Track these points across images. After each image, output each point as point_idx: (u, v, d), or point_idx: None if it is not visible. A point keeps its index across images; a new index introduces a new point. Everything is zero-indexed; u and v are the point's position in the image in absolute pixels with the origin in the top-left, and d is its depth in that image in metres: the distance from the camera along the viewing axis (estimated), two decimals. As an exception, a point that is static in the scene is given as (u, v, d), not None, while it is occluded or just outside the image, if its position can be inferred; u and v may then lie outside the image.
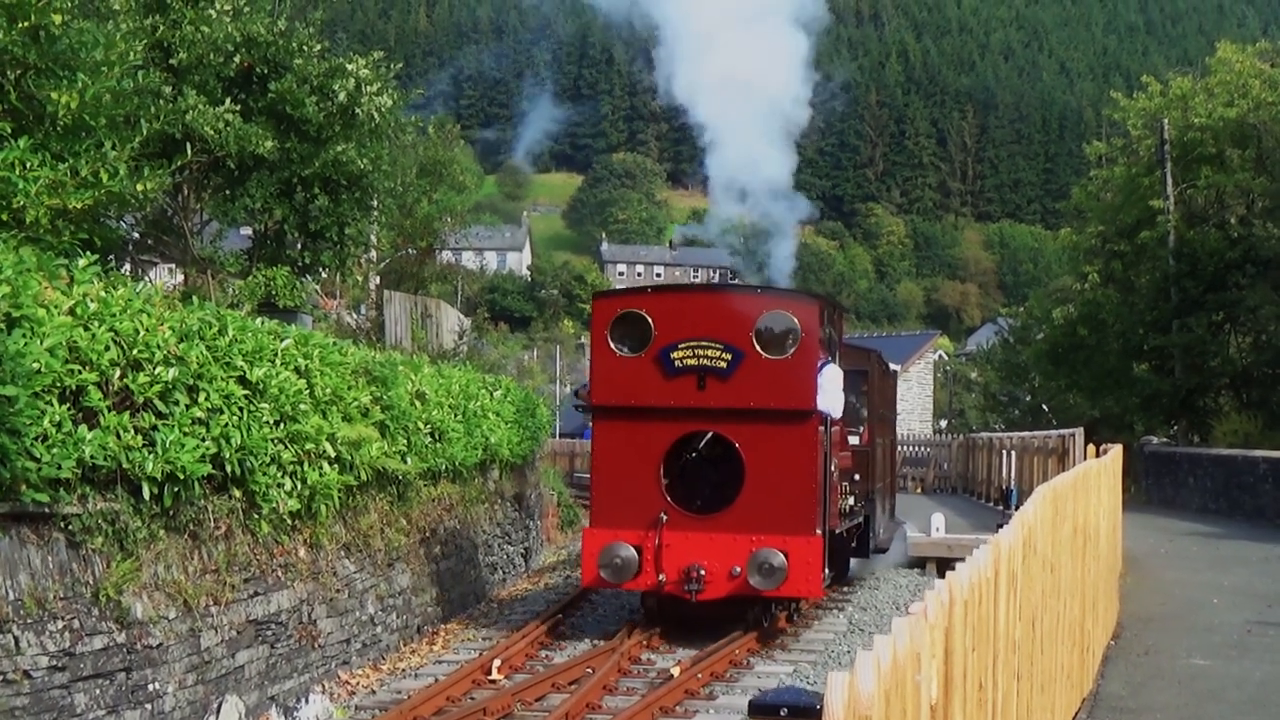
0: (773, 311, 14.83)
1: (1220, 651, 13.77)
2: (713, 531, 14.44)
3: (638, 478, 14.76)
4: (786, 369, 14.62)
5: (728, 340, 14.62)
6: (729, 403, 14.60)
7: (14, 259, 9.13)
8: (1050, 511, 7.85)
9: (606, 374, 15.12)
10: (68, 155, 12.23)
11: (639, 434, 14.86)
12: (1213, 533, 26.72)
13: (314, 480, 12.45)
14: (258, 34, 19.99)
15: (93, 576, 9.16)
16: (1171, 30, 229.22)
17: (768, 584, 14.10)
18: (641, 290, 16.64)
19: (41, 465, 8.51)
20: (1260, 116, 38.98)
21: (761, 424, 14.59)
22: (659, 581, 14.40)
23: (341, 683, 12.57)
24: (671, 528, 14.46)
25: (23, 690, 8.20)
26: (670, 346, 14.74)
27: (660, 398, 14.76)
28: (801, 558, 14.20)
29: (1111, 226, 43.73)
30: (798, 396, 14.61)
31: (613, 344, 15.08)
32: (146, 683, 9.59)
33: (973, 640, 3.51)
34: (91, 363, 9.41)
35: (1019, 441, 35.31)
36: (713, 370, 14.61)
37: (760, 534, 14.25)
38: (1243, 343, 41.01)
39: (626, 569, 14.39)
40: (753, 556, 14.12)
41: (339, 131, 20.64)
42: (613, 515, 14.78)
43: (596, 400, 15.16)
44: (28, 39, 11.78)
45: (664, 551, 14.38)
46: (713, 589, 14.27)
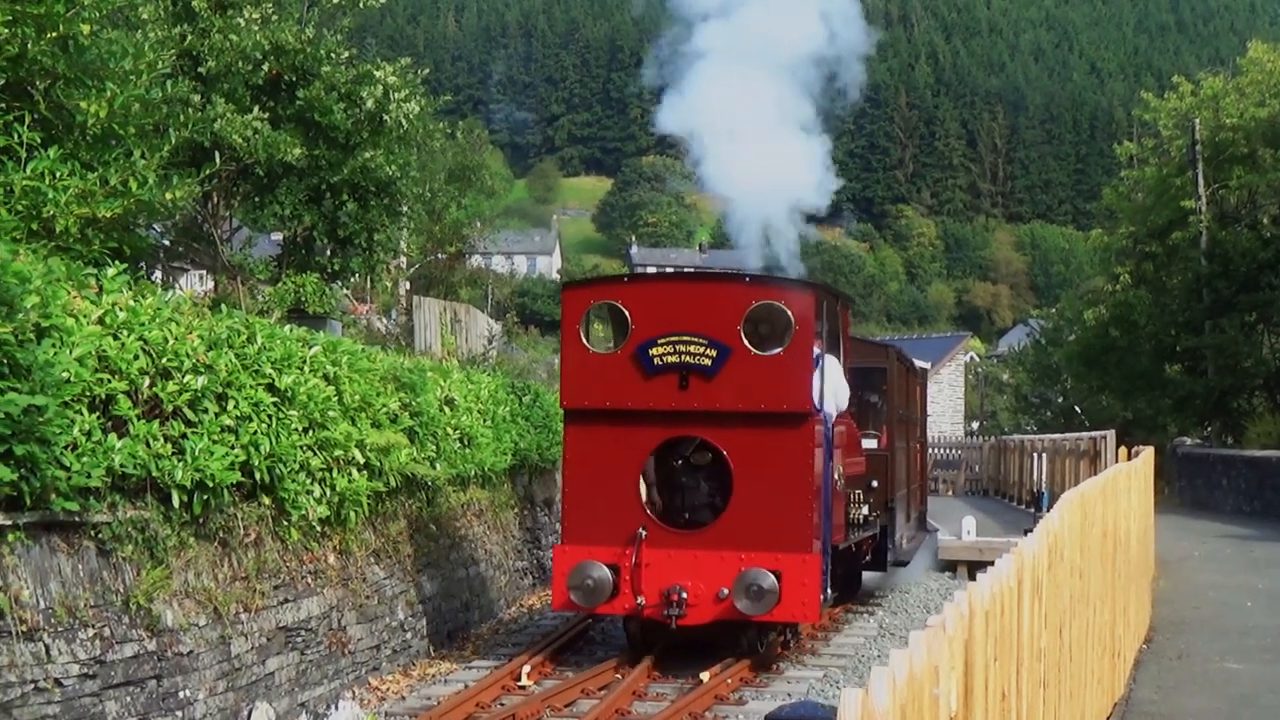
0: (763, 302, 13.23)
1: (1254, 655, 13.71)
2: (697, 549, 12.96)
3: (613, 489, 13.23)
4: (778, 366, 13.01)
5: (712, 335, 13.05)
6: (714, 404, 13.07)
7: (43, 269, 9.19)
8: (1078, 517, 7.82)
9: (578, 373, 13.57)
10: (97, 164, 12.28)
11: (614, 440, 13.34)
12: (1247, 535, 26.58)
13: (343, 487, 12.49)
14: (286, 42, 20.08)
15: (123, 584, 9.20)
16: (1203, 29, 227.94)
17: (756, 608, 12.53)
18: (617, 279, 15.58)
19: (71, 474, 8.55)
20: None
21: (751, 428, 13.04)
22: (637, 605, 12.91)
23: (372, 689, 12.60)
24: (651, 545, 12.97)
25: (54, 698, 8.25)
26: (649, 342, 13.19)
27: (638, 399, 13.25)
28: (796, 578, 12.66)
29: (1143, 227, 43.57)
30: (791, 397, 12.99)
31: (585, 340, 13.73)
32: (177, 690, 9.63)
33: (995, 651, 3.49)
34: (121, 371, 9.46)
35: (1050, 444, 35.24)
36: (696, 368, 13.06)
37: (750, 551, 12.76)
38: (1276, 343, 40.80)
39: (599, 591, 12.85)
40: (740, 577, 12.57)
41: (367, 138, 20.73)
42: (586, 531, 13.27)
43: (567, 402, 13.66)
44: (56, 49, 11.84)
45: (643, 571, 12.90)
46: (697, 613, 12.79)
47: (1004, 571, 3.89)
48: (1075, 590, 7.53)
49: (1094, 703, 9.36)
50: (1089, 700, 8.84)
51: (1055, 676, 6.03)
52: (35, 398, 7.98)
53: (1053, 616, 5.78)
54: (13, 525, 8.13)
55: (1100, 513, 9.96)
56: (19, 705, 7.94)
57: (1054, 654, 5.92)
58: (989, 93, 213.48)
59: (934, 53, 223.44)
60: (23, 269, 8.65)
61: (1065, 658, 6.69)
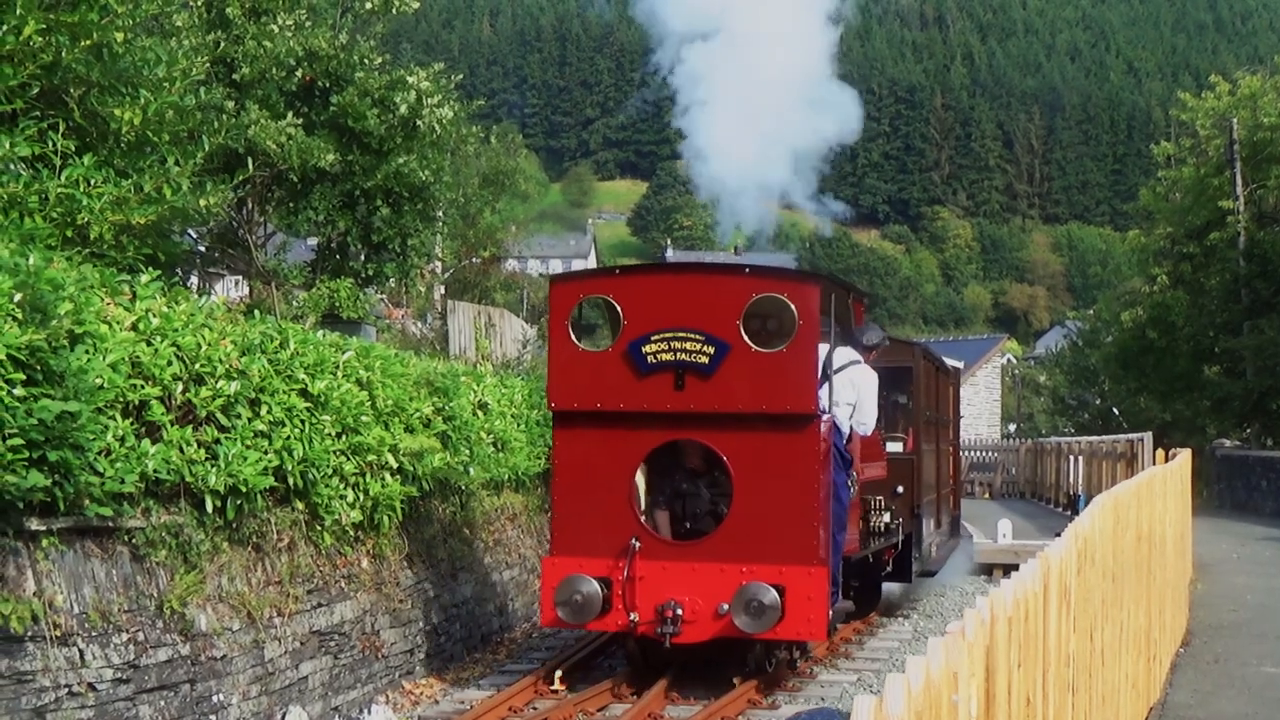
0: (764, 295, 12.05)
1: (1292, 659, 13.63)
2: (695, 561, 11.92)
3: (605, 497, 12.21)
4: (781, 365, 11.85)
5: (710, 331, 11.94)
6: (712, 406, 11.98)
7: (76, 275, 9.25)
8: (1110, 521, 7.78)
9: (567, 372, 12.47)
10: (131, 171, 12.35)
11: (605, 444, 12.32)
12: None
13: (376, 491, 12.52)
14: (319, 48, 20.17)
15: (157, 589, 9.25)
16: (1241, 28, 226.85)
17: (757, 625, 11.52)
18: (608, 271, 14.09)
19: (105, 479, 8.61)
20: (1332, 114, 38.57)
21: (752, 431, 11.96)
22: (630, 622, 11.92)
23: (405, 693, 12.63)
24: (645, 557, 11.96)
25: (88, 703, 8.30)
26: (642, 339, 12.10)
27: (630, 400, 12.19)
28: (801, 592, 11.60)
29: (1180, 228, 43.38)
30: (795, 397, 11.84)
31: (575, 336, 12.55)
32: (211, 694, 9.67)
33: (1019, 656, 3.48)
34: (154, 377, 9.52)
35: (1087, 446, 35.12)
36: (692, 367, 11.97)
37: (751, 564, 11.71)
38: (1316, 344, 40.51)
39: (588, 607, 11.87)
40: (739, 592, 11.55)
41: (400, 143, 20.80)
42: (576, 542, 12.24)
43: (555, 404, 12.57)
44: (91, 57, 11.91)
45: (637, 585, 11.92)
46: (694, 630, 11.81)
47: (1028, 576, 3.88)
48: (1108, 594, 7.50)
49: (1128, 707, 9.32)
50: (1123, 705, 8.80)
51: (1085, 681, 6.00)
52: (69, 404, 8.03)
53: (1082, 620, 5.75)
54: (47, 530, 8.18)
55: (1134, 516, 9.92)
56: (53, 710, 8.00)
57: (1084, 658, 5.89)
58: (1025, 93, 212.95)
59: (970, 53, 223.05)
60: (56, 276, 8.71)
61: (1097, 662, 6.67)
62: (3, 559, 7.83)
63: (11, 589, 7.83)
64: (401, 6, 22.13)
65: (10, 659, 7.73)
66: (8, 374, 7.71)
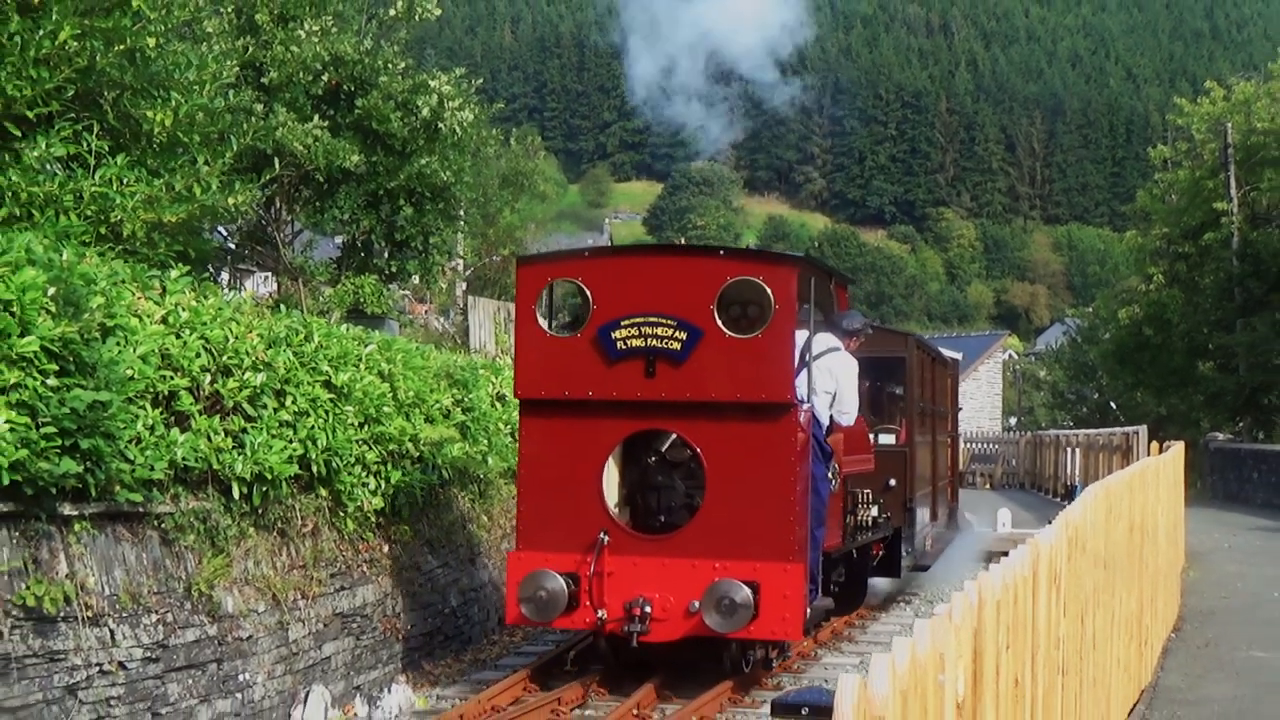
0: (739, 278, 10.97)
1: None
2: (665, 556, 10.85)
3: (573, 489, 11.14)
4: (756, 351, 10.75)
5: (682, 315, 10.85)
6: (684, 394, 10.88)
7: (108, 270, 9.27)
8: (1103, 510, 7.77)
9: (534, 359, 11.37)
10: (163, 171, 12.37)
11: (574, 434, 11.24)
12: (1277, 527, 26.36)
13: (397, 480, 12.53)
14: (345, 53, 20.21)
15: (185, 572, 9.27)
16: (1237, 36, 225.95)
17: (728, 624, 10.48)
18: (577, 253, 12.59)
19: (135, 467, 8.62)
20: (1322, 120, 38.53)
21: (725, 420, 10.87)
22: (598, 619, 10.88)
23: (424, 673, 12.63)
24: (615, 552, 10.91)
25: (118, 681, 8.32)
26: (611, 324, 11.02)
27: (599, 389, 11.10)
28: (776, 590, 10.56)
29: (1176, 228, 43.31)
30: (770, 385, 10.72)
31: (542, 321, 11.49)
32: (237, 673, 9.69)
33: (1007, 639, 3.46)
34: (183, 369, 9.54)
35: (1084, 439, 35.09)
36: (664, 353, 10.89)
37: (724, 560, 10.68)
38: (1307, 341, 40.46)
39: (553, 604, 10.82)
40: (710, 589, 10.50)
41: (423, 145, 20.86)
42: (542, 536, 11.18)
43: (522, 392, 11.43)
44: (124, 61, 11.93)
45: (605, 581, 10.88)
46: (664, 629, 10.76)
47: (1017, 562, 3.86)
48: (1099, 580, 7.48)
49: (1120, 689, 9.30)
50: (1115, 687, 8.78)
51: (1076, 664, 5.98)
52: (100, 394, 8.05)
53: (1073, 605, 5.74)
54: (79, 515, 8.20)
55: (1127, 505, 9.89)
56: (84, 687, 8.02)
57: (1075, 642, 5.87)
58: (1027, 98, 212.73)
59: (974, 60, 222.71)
60: (89, 271, 8.74)
61: (1088, 645, 6.65)
62: (36, 543, 7.85)
63: (45, 571, 7.85)
64: (423, 14, 22.15)
65: (43, 638, 7.75)
66: (42, 365, 7.73)
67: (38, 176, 10.92)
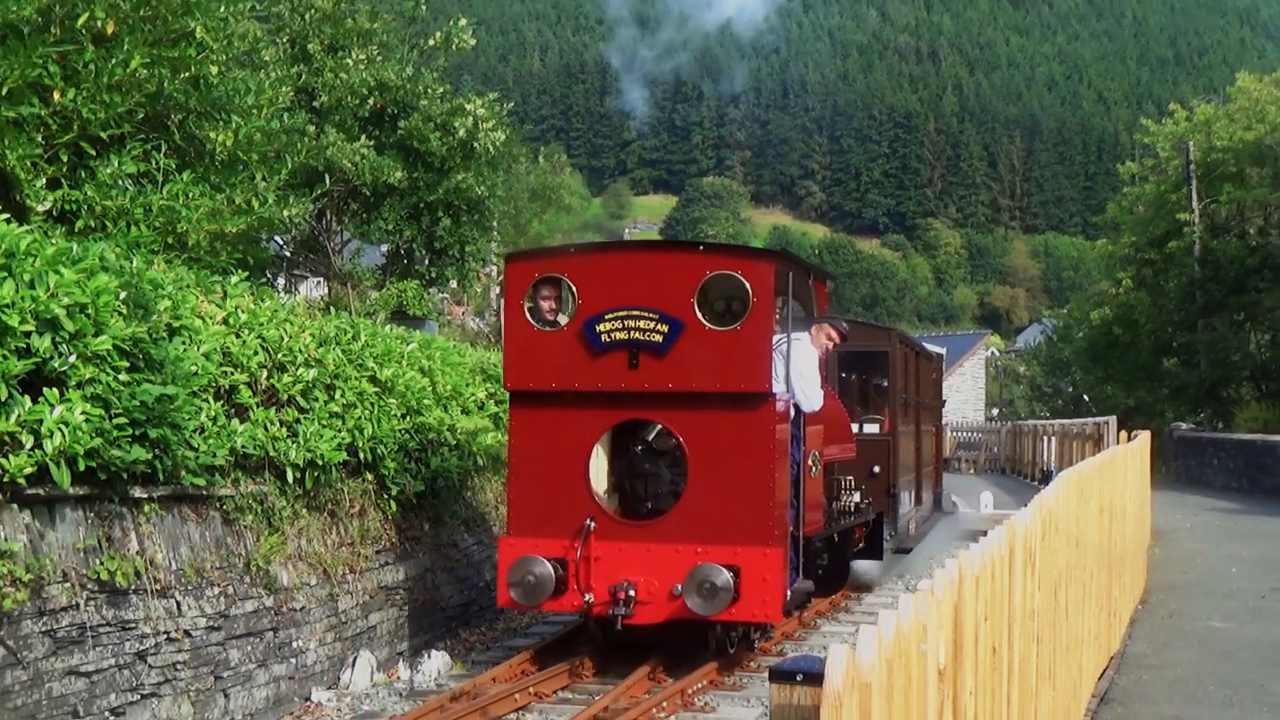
0: (718, 273, 10.38)
1: (1237, 615, 13.52)
2: (650, 541, 10.34)
3: (561, 477, 10.58)
4: (735, 342, 10.23)
5: (664, 309, 10.35)
6: (666, 384, 10.36)
7: (174, 276, 9.29)
8: (1075, 493, 7.73)
9: (522, 352, 10.77)
10: (224, 186, 12.40)
11: (561, 424, 10.67)
12: (1234, 509, 26.25)
13: (436, 465, 12.54)
14: (389, 79, 20.25)
15: (244, 549, 9.28)
16: (1198, 62, 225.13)
17: (709, 607, 9.96)
18: (563, 250, 11.79)
19: (199, 454, 8.64)
20: (1276, 138, 38.36)
21: (705, 410, 10.34)
22: (585, 602, 10.33)
23: (461, 640, 12.64)
24: (601, 537, 10.39)
25: (184, 647, 8.34)
26: (596, 317, 10.50)
27: (585, 380, 10.55)
28: (756, 574, 10.07)
29: (1143, 237, 43.15)
30: (748, 376, 10.22)
31: (529, 315, 10.79)
32: (291, 640, 9.70)
33: (985, 611, 3.45)
34: (242, 365, 9.55)
35: (1059, 428, 35.01)
36: (647, 345, 10.38)
37: (706, 544, 10.15)
38: (1261, 339, 40.33)
39: (540, 588, 10.27)
40: (691, 573, 9.98)
41: (460, 162, 20.89)
42: (531, 522, 10.60)
43: (511, 384, 10.86)
44: (189, 87, 11.96)
45: (592, 566, 10.35)
46: (648, 612, 10.24)
47: (995, 542, 3.84)
48: (1072, 557, 7.46)
49: (1091, 656, 9.27)
50: (1086, 654, 8.75)
51: (1050, 634, 5.95)
52: (167, 388, 8.07)
53: (1047, 581, 5.71)
54: (148, 498, 8.22)
55: (1097, 489, 9.85)
56: (153, 653, 8.03)
57: (1049, 613, 5.85)
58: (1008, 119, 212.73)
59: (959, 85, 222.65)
60: (157, 277, 8.76)
61: (1061, 616, 6.62)
62: (110, 523, 7.87)
63: (117, 548, 7.86)
64: (459, 43, 22.17)
65: (116, 609, 7.77)
66: (114, 362, 7.74)
67: (111, 191, 10.94)
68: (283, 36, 20.25)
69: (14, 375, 7.01)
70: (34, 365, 7.18)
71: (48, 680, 7.18)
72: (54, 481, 7.19)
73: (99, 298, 7.64)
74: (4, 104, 10.02)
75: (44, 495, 7.28)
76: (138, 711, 7.91)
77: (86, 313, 7.56)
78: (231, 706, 8.85)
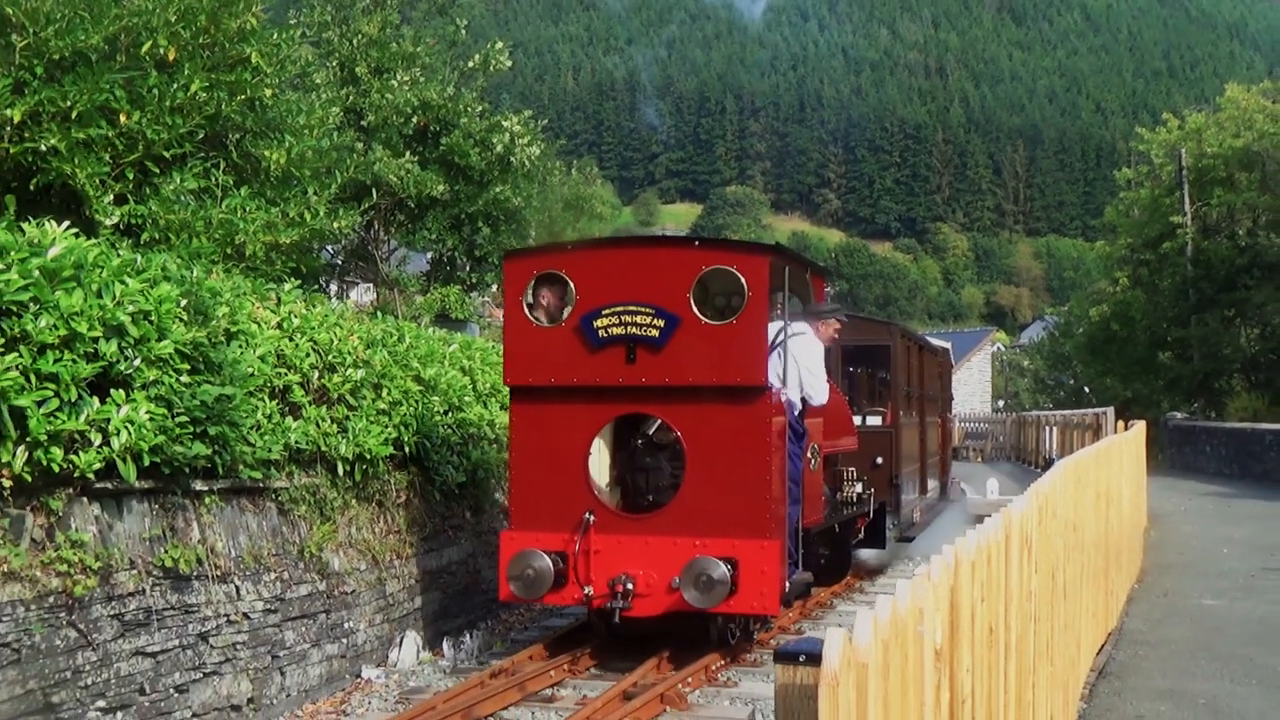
0: (713, 268, 9.78)
1: (1228, 593, 13.41)
2: (649, 535, 9.74)
3: (560, 471, 9.98)
4: (730, 336, 9.61)
5: (660, 304, 9.75)
6: (662, 379, 9.75)
7: (231, 284, 9.33)
8: (1072, 480, 7.68)
9: (522, 347, 10.15)
10: (279, 201, 12.44)
11: (560, 419, 10.06)
12: (1225, 493, 26.06)
13: (476, 457, 12.55)
14: (431, 99, 20.29)
15: (298, 537, 9.31)
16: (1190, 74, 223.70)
17: (706, 600, 9.37)
18: (560, 246, 11.12)
19: (255, 449, 8.67)
20: (1263, 145, 38.15)
21: (702, 404, 9.73)
22: (585, 595, 9.76)
23: (501, 620, 12.65)
24: (601, 530, 9.80)
25: (243, 629, 8.37)
26: (593, 313, 9.90)
27: (583, 375, 9.94)
28: (754, 566, 9.48)
29: (1139, 239, 42.94)
30: (744, 370, 9.60)
31: (528, 312, 10.20)
32: (343, 621, 9.73)
33: (982, 594, 3.42)
34: (295, 367, 9.58)
35: (1060, 419, 34.79)
36: (643, 340, 9.78)
37: (704, 537, 9.58)
38: (1250, 334, 40.06)
39: (540, 582, 9.70)
40: (688, 566, 9.40)
41: (498, 176, 20.93)
42: (532, 516, 10.01)
43: (510, 379, 10.21)
44: (245, 108, 12.01)
45: (591, 559, 9.78)
46: (647, 604, 9.64)
47: (991, 529, 3.82)
48: (1070, 540, 7.41)
49: (1089, 633, 9.21)
50: (1084, 631, 8.69)
51: (1048, 613, 5.91)
52: (225, 388, 8.10)
53: (1044, 563, 5.67)
54: (209, 490, 8.26)
55: (1094, 476, 9.78)
56: (214, 634, 8.07)
57: (1046, 594, 5.80)
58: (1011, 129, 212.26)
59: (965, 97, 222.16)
60: (215, 285, 8.80)
61: (1059, 597, 6.58)
62: (173, 514, 7.91)
63: (180, 537, 7.90)
64: (496, 65, 22.21)
65: (179, 594, 7.81)
66: (176, 365, 7.78)
67: (174, 206, 10.99)
68: (333, 60, 20.33)
69: (84, 378, 7.05)
70: (102, 368, 7.22)
71: (116, 660, 7.22)
72: (121, 476, 7.23)
73: (161, 305, 7.68)
74: (74, 126, 10.08)
75: (112, 489, 7.32)
76: (200, 689, 7.94)
77: (150, 319, 7.60)
78: (287, 684, 8.88)
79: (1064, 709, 7.06)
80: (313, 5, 20.89)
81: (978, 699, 3.37)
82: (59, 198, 10.41)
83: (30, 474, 6.68)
